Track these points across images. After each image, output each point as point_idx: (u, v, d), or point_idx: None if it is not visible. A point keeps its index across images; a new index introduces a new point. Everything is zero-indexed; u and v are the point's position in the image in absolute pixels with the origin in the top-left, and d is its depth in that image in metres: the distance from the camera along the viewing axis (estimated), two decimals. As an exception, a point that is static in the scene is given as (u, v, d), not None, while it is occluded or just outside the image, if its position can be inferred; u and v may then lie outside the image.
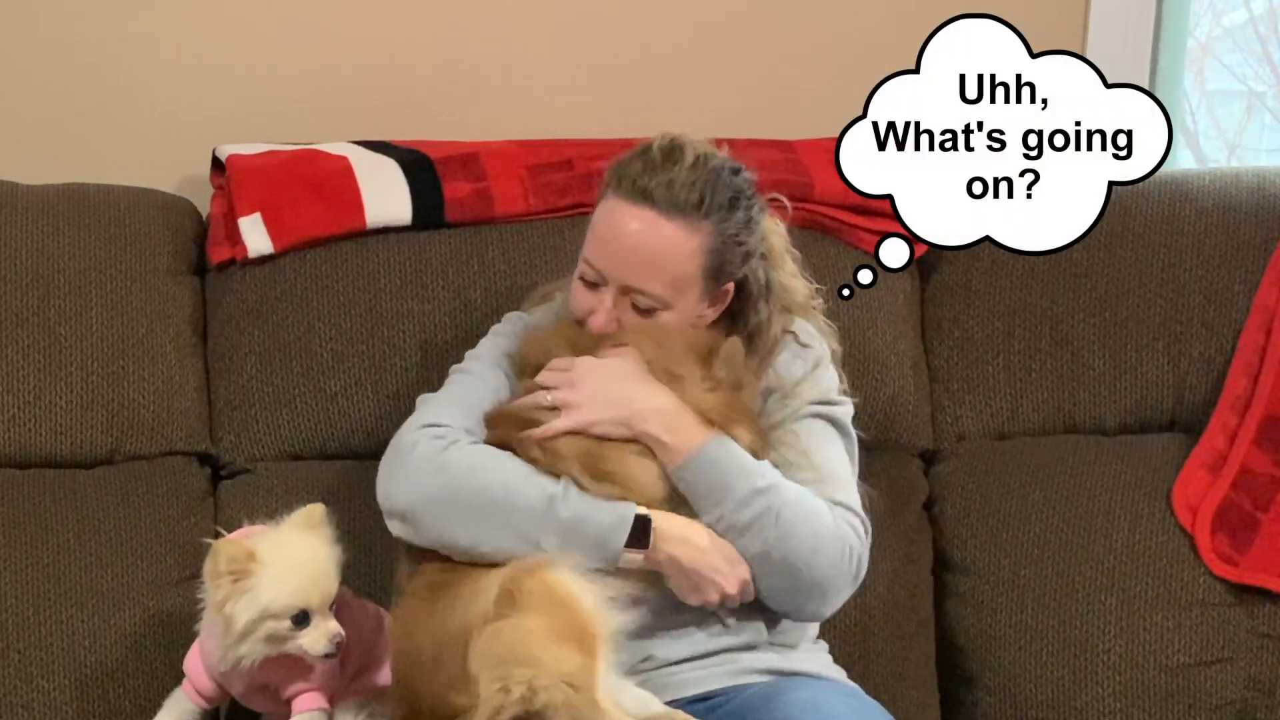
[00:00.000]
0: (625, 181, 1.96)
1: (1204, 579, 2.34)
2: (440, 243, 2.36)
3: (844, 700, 1.93)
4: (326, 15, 2.56)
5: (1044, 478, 2.42)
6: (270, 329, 2.32)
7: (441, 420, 1.97)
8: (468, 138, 2.47)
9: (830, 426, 2.07)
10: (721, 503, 1.92)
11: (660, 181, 1.94)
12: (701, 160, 1.96)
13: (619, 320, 1.99)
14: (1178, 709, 2.30)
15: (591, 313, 2.00)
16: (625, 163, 1.99)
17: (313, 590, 1.86)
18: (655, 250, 1.95)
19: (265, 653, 1.87)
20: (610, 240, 1.97)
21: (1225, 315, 2.47)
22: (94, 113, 2.52)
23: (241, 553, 1.84)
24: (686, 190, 1.94)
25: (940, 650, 2.41)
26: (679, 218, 1.94)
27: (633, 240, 1.95)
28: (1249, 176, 2.56)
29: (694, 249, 1.95)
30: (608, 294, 1.98)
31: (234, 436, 2.32)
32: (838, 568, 1.94)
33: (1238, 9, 3.22)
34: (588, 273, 2.00)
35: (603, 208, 2.00)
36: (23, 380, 2.23)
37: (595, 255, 1.99)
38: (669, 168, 1.95)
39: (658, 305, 1.98)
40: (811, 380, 2.08)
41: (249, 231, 2.32)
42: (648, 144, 2.00)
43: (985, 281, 2.50)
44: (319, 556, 1.89)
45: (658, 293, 1.96)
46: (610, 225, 1.97)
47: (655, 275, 1.96)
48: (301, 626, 1.86)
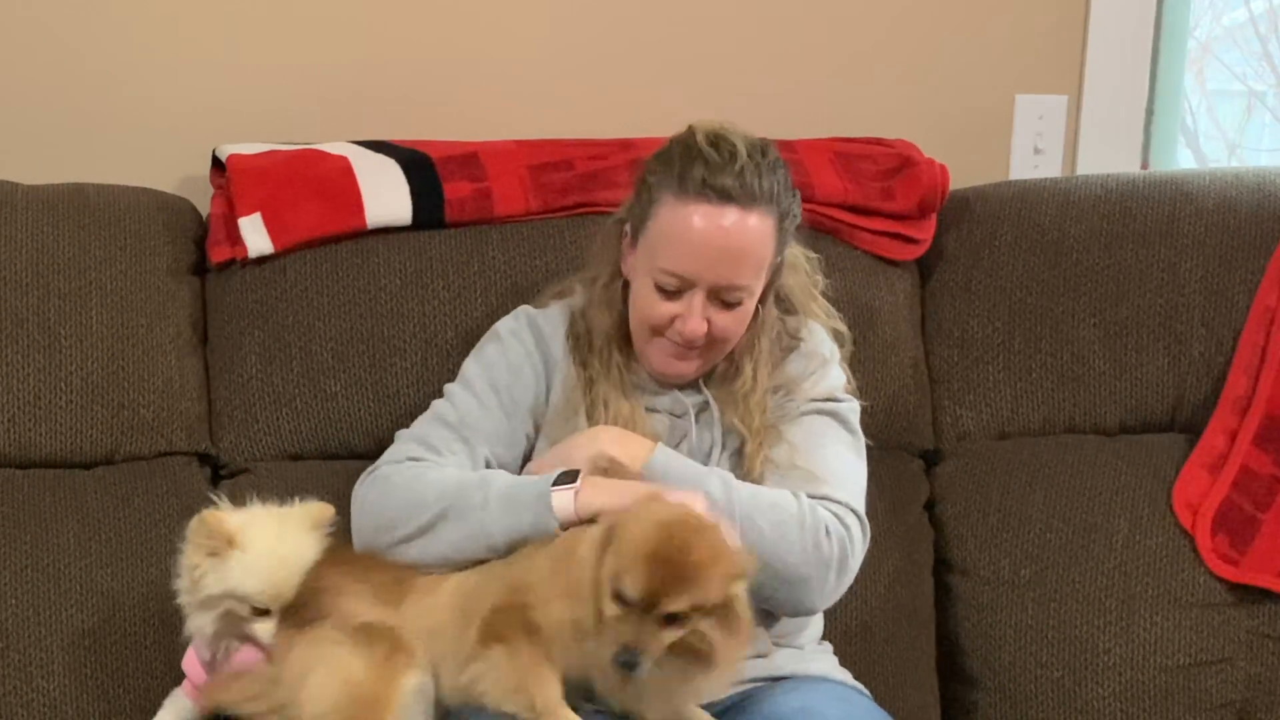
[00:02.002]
0: (690, 183, 1.95)
1: (1204, 579, 2.34)
2: (440, 243, 2.36)
3: (836, 705, 1.93)
4: (327, 15, 2.56)
5: (1044, 478, 2.42)
6: (270, 329, 2.32)
7: (385, 461, 2.04)
8: (468, 138, 2.47)
9: (832, 421, 2.07)
10: None
11: (732, 175, 1.94)
12: (753, 147, 1.98)
13: (709, 320, 1.99)
14: (1178, 709, 2.30)
15: (676, 318, 1.99)
16: (678, 164, 1.97)
17: (280, 590, 1.87)
18: (747, 244, 1.97)
19: (215, 630, 1.89)
20: (699, 245, 1.95)
21: (1225, 315, 2.47)
22: (94, 113, 2.52)
23: (220, 531, 1.86)
24: (756, 179, 1.96)
25: (941, 650, 2.40)
26: (759, 208, 1.96)
27: (725, 240, 1.95)
28: (1249, 176, 2.56)
29: (772, 230, 1.99)
30: (697, 297, 1.98)
31: (234, 436, 2.32)
32: (808, 556, 1.92)
33: (1238, 9, 3.22)
34: (668, 282, 1.98)
35: (672, 214, 1.97)
36: (23, 380, 2.23)
37: (679, 263, 1.97)
38: (731, 161, 1.95)
39: (746, 296, 2.00)
40: (814, 379, 2.09)
41: (249, 231, 2.32)
42: (688, 142, 1.99)
43: (985, 281, 2.50)
44: (297, 555, 1.91)
45: (748, 282, 1.99)
46: (695, 230, 1.95)
47: (749, 267, 1.98)
48: (263, 617, 1.89)
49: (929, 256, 2.51)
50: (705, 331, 1.99)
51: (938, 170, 2.50)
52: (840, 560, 1.95)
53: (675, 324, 2.00)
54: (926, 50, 2.75)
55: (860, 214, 2.47)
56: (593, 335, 2.10)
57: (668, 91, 2.64)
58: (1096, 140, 2.82)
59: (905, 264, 2.51)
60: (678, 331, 2.00)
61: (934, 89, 2.75)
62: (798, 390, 2.08)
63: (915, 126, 2.61)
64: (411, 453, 2.03)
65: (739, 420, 2.05)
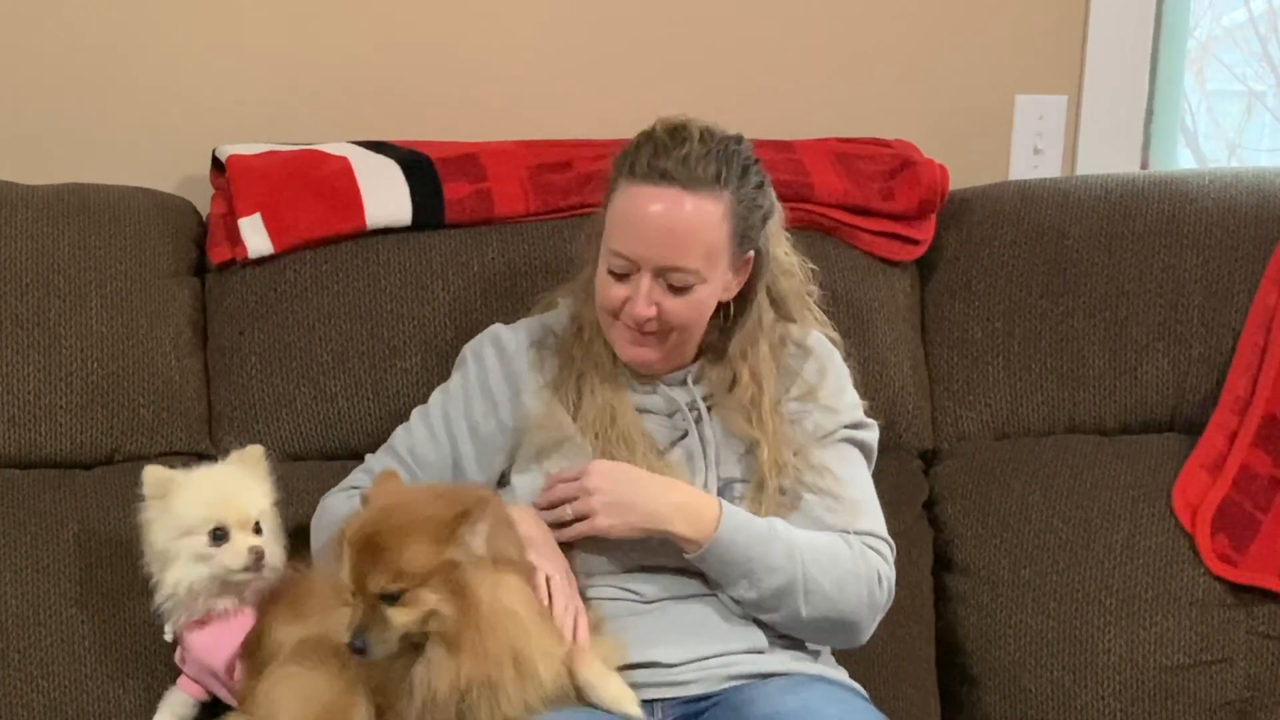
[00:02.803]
0: (639, 167, 1.98)
1: (1204, 579, 2.34)
2: (440, 244, 2.36)
3: (834, 705, 1.94)
4: (327, 15, 2.56)
5: (1044, 478, 2.42)
6: (270, 329, 2.32)
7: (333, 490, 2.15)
8: (468, 138, 2.47)
9: (860, 452, 2.12)
10: (748, 576, 1.97)
11: (676, 159, 1.96)
12: (708, 134, 2.00)
13: (658, 304, 1.99)
14: (1178, 709, 2.30)
15: (626, 301, 2.01)
16: (632, 151, 2.01)
17: (226, 507, 1.96)
18: (686, 224, 1.97)
19: (194, 578, 1.95)
20: (639, 224, 1.98)
21: (1225, 315, 2.46)
22: (94, 113, 2.52)
23: (163, 477, 1.97)
24: (703, 164, 1.97)
25: (940, 650, 2.41)
26: (701, 190, 1.97)
27: (662, 219, 1.96)
28: (1249, 176, 2.56)
29: (720, 216, 1.98)
30: (643, 279, 1.99)
31: (234, 437, 2.32)
32: (863, 603, 2.02)
33: (1238, 9, 3.22)
34: (617, 264, 2.00)
35: (621, 197, 2.00)
36: (23, 380, 2.23)
37: (624, 243, 1.99)
38: (680, 145, 1.97)
39: (694, 280, 1.99)
40: (831, 388, 2.12)
41: (249, 232, 2.32)
42: (648, 131, 2.02)
43: (985, 281, 2.50)
44: (237, 481, 2.01)
45: (694, 266, 1.98)
46: (636, 210, 1.98)
47: (689, 249, 1.97)
48: (220, 543, 1.94)
49: (929, 256, 2.52)
50: (654, 315, 2.00)
51: (937, 171, 2.50)
52: (887, 597, 2.05)
53: (626, 307, 2.02)
54: (926, 50, 2.75)
55: (860, 214, 2.47)
56: (582, 328, 2.12)
57: (668, 92, 2.62)
58: (1096, 140, 2.82)
59: (905, 264, 2.52)
60: (628, 314, 2.01)
61: (934, 89, 2.75)
62: (816, 397, 2.10)
63: (915, 126, 2.62)
64: (355, 481, 2.15)
65: (752, 425, 2.06)
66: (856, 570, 2.01)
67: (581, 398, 2.08)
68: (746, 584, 1.97)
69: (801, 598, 1.97)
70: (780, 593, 1.97)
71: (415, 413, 2.17)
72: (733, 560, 1.96)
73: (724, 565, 1.97)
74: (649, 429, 2.08)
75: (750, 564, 1.96)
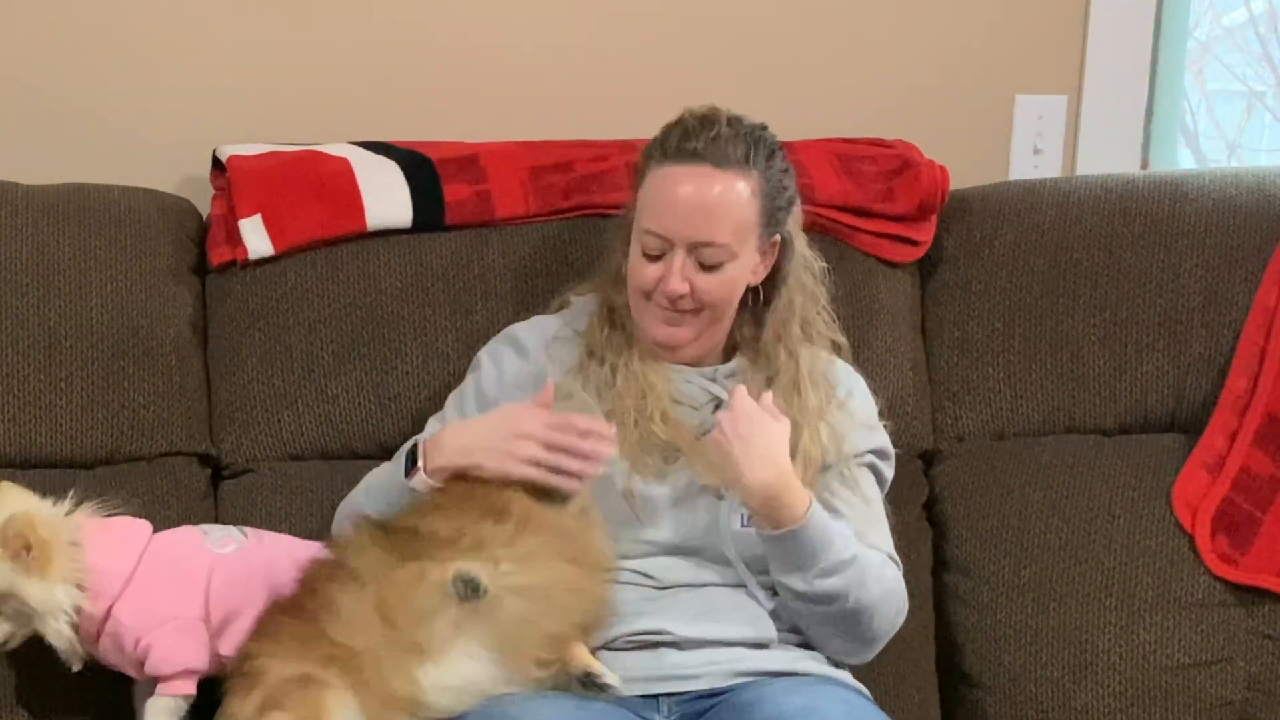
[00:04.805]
0: (669, 149, 2.05)
1: (1204, 579, 2.34)
2: (440, 245, 2.36)
3: (839, 705, 1.95)
4: (327, 15, 2.56)
5: (1044, 478, 2.42)
6: (271, 330, 2.32)
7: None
8: (468, 138, 2.47)
9: (874, 478, 2.17)
10: (803, 570, 2.00)
11: (705, 139, 2.03)
12: (735, 120, 2.06)
13: (690, 281, 2.03)
14: (1178, 709, 2.30)
15: (659, 280, 2.05)
16: (663, 137, 2.08)
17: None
18: (717, 199, 2.02)
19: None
20: (671, 202, 2.03)
21: (1225, 315, 2.47)
22: (94, 113, 2.52)
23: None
24: (732, 145, 2.03)
25: (940, 650, 2.41)
26: (731, 168, 2.03)
27: (694, 196, 2.02)
28: (1249, 176, 2.56)
29: (750, 194, 2.04)
30: (676, 256, 2.03)
31: (234, 437, 2.33)
32: (891, 623, 2.09)
33: (1238, 9, 3.22)
34: (651, 244, 2.05)
35: (653, 178, 2.06)
36: (23, 380, 2.23)
37: (657, 222, 2.04)
38: (709, 128, 2.04)
39: (724, 257, 2.04)
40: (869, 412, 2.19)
41: (249, 233, 2.32)
42: (677, 118, 2.09)
43: (985, 281, 2.50)
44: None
45: (725, 241, 2.03)
46: (668, 188, 2.04)
47: (721, 223, 2.02)
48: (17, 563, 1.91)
49: (929, 256, 2.52)
50: (687, 292, 2.04)
51: (938, 171, 2.50)
52: (899, 625, 2.12)
53: (659, 286, 2.05)
54: (926, 50, 2.75)
55: (860, 215, 2.47)
56: (614, 310, 2.16)
57: (668, 92, 2.62)
58: (1096, 140, 2.82)
59: (905, 265, 2.52)
60: (662, 293, 2.05)
61: (934, 89, 2.75)
62: (850, 410, 2.15)
63: (915, 127, 2.61)
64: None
65: (792, 407, 2.09)
66: (895, 589, 2.08)
67: (616, 375, 2.11)
68: (806, 576, 1.99)
69: (851, 603, 2.01)
70: (831, 595, 2.00)
71: (432, 420, 2.19)
72: (808, 550, 1.98)
73: (799, 550, 1.99)
74: (688, 424, 2.10)
75: (817, 558, 1.99)
